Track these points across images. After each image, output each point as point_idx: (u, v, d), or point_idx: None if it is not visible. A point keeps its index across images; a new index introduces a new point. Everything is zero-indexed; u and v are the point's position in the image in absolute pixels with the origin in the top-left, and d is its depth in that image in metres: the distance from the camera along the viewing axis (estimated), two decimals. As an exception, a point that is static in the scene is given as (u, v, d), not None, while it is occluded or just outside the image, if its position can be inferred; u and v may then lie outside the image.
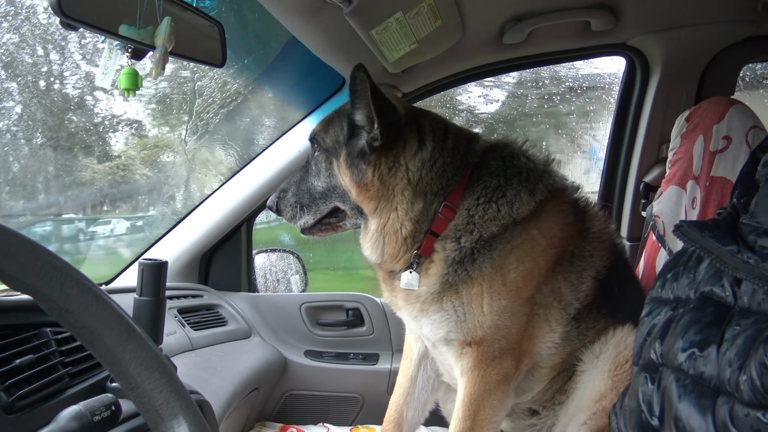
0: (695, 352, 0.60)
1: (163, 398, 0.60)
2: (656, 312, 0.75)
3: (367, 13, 1.54)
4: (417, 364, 1.83)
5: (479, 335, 1.48)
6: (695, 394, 0.58)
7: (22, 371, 1.08)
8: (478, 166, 1.54)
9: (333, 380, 2.38)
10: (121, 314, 0.59)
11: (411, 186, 1.48)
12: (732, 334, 0.57)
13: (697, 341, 0.61)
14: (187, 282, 2.38)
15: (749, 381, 0.52)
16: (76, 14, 1.08)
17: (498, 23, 2.01)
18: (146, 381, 0.60)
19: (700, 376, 0.59)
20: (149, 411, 0.61)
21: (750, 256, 0.57)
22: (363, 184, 1.49)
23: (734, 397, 0.54)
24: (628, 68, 2.40)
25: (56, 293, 0.53)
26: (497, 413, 1.52)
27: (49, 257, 0.52)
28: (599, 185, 2.55)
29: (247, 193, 2.34)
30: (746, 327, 0.56)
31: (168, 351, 1.72)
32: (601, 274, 1.56)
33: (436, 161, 1.49)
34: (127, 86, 1.23)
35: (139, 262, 1.34)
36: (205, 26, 1.46)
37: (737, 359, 0.54)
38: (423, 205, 1.48)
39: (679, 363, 0.62)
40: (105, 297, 0.57)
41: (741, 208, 0.68)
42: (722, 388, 0.56)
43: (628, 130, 2.42)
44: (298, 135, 2.32)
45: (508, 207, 1.48)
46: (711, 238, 0.63)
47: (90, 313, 0.56)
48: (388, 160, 1.48)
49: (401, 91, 2.29)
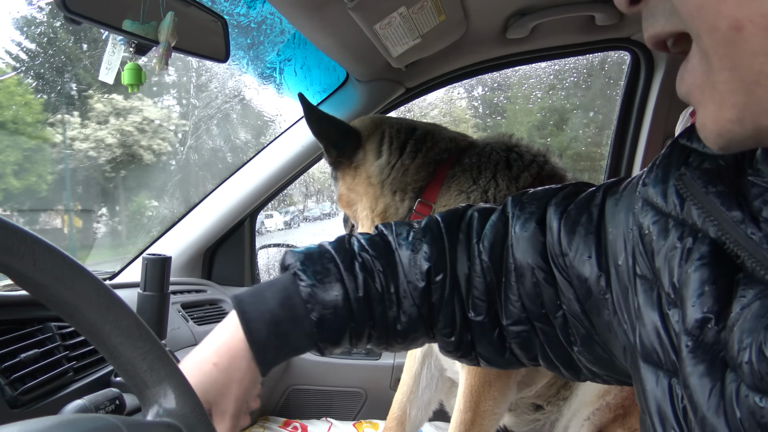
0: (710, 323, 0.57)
1: (147, 365, 0.60)
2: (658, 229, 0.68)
3: (370, 8, 1.54)
4: (421, 361, 1.83)
5: None
6: (706, 364, 0.56)
7: (27, 366, 1.09)
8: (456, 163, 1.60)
9: (336, 375, 2.38)
10: (99, 284, 0.58)
11: (372, 187, 1.62)
12: (739, 306, 0.54)
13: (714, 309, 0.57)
14: (190, 277, 2.39)
15: (750, 364, 0.51)
16: (80, 9, 1.08)
17: (502, 18, 2.00)
18: (129, 349, 0.59)
19: (710, 345, 0.56)
20: (134, 378, 0.60)
21: (754, 231, 0.54)
22: (339, 197, 1.73)
23: (739, 376, 0.52)
24: (632, 63, 2.39)
25: (29, 269, 0.52)
26: (498, 405, 1.52)
27: (20, 233, 0.52)
28: (603, 180, 2.54)
29: (251, 188, 2.34)
30: (751, 300, 0.53)
31: (172, 345, 1.73)
32: None
33: (394, 164, 1.61)
34: (131, 81, 1.23)
35: (143, 257, 1.35)
36: (208, 21, 1.46)
37: (745, 337, 0.52)
38: (389, 201, 1.60)
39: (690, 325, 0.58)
40: (81, 268, 0.56)
41: (746, 158, 0.61)
42: (730, 363, 0.54)
43: (632, 125, 2.41)
44: (302, 130, 2.32)
45: (480, 194, 1.53)
46: (715, 197, 0.59)
47: (66, 286, 0.55)
48: (351, 171, 1.66)
49: (405, 86, 2.29)
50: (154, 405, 0.61)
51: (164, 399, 0.61)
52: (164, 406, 0.61)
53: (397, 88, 2.28)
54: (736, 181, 0.60)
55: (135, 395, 0.62)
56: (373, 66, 2.07)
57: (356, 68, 2.13)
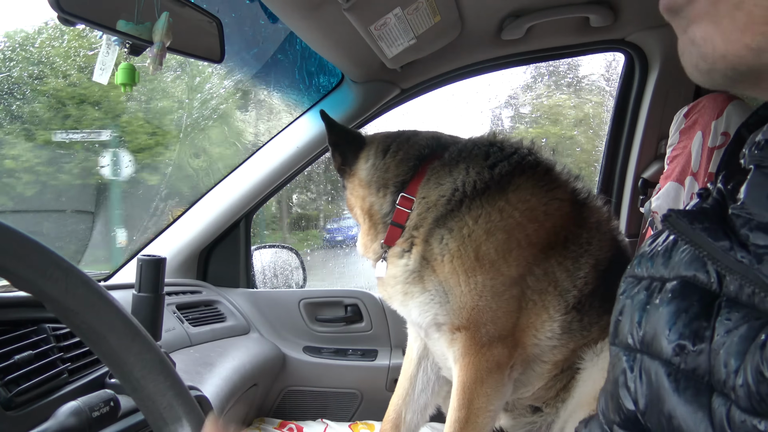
0: (687, 347, 0.57)
1: (166, 401, 0.60)
2: (630, 290, 0.71)
3: (365, 8, 1.54)
4: (417, 364, 1.82)
5: (465, 317, 1.49)
6: (691, 390, 0.56)
7: (21, 367, 1.08)
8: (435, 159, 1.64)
9: (332, 376, 2.38)
10: (126, 316, 0.58)
11: (363, 189, 1.70)
12: (724, 329, 0.54)
13: (687, 334, 0.57)
14: (185, 278, 2.38)
15: (745, 387, 0.49)
16: (74, 10, 1.07)
17: (497, 19, 2.01)
18: (150, 384, 0.60)
19: (693, 371, 0.56)
20: (152, 413, 0.61)
21: (744, 255, 0.54)
22: (347, 202, 1.81)
23: (730, 400, 0.51)
24: (626, 64, 2.39)
25: (62, 294, 0.53)
26: (492, 402, 1.51)
27: (55, 258, 0.52)
28: (597, 181, 2.55)
29: (246, 189, 2.34)
30: (737, 323, 0.53)
31: (167, 347, 1.72)
32: (601, 265, 1.55)
33: (378, 164, 1.69)
34: (124, 81, 1.22)
35: (138, 258, 1.35)
36: (203, 22, 1.45)
37: (734, 361, 0.51)
38: (373, 199, 1.67)
39: (668, 356, 0.59)
40: (110, 299, 0.57)
41: (728, 195, 0.63)
42: (717, 387, 0.53)
43: (627, 126, 2.42)
44: (297, 131, 2.32)
45: (451, 183, 1.56)
46: (702, 231, 0.58)
47: (95, 315, 0.56)
48: (350, 177, 1.75)
49: (400, 87, 2.29)
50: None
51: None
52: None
53: (393, 89, 2.28)
54: (722, 219, 0.60)
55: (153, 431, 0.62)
56: (368, 67, 2.07)
57: (351, 69, 2.13)
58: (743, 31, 0.45)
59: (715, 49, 0.47)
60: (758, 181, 0.58)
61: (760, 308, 0.52)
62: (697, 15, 0.48)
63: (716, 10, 0.46)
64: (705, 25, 0.48)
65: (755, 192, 0.58)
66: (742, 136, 0.68)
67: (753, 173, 0.59)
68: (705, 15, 0.47)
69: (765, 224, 0.55)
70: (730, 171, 0.66)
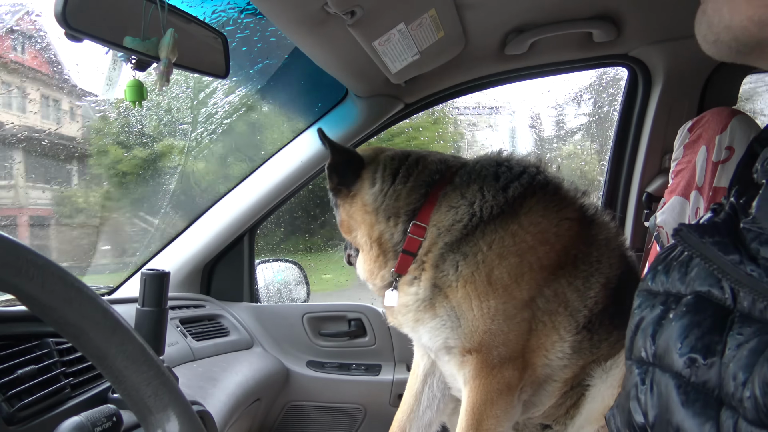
0: (698, 360, 0.57)
1: (151, 390, 0.60)
2: (646, 305, 0.71)
3: (369, 24, 1.55)
4: (422, 380, 1.81)
5: (476, 341, 1.48)
6: (699, 403, 0.56)
7: (24, 382, 1.08)
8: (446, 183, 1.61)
9: (335, 391, 2.37)
10: (106, 309, 0.58)
11: (369, 215, 1.64)
12: (735, 344, 0.54)
13: (699, 347, 0.58)
14: (189, 292, 2.38)
15: (752, 399, 0.50)
16: (81, 26, 1.08)
17: (500, 34, 2.02)
18: (134, 374, 0.59)
19: (703, 384, 0.56)
20: (138, 404, 0.60)
21: (753, 269, 0.54)
22: (340, 222, 1.75)
23: (738, 413, 0.51)
24: (630, 79, 2.40)
25: (38, 290, 0.52)
26: (501, 424, 1.51)
27: (30, 255, 0.52)
28: (602, 195, 2.55)
29: (250, 203, 2.35)
30: (748, 337, 0.53)
31: (170, 361, 1.72)
32: (611, 283, 1.54)
33: (387, 191, 1.63)
34: (133, 98, 1.23)
35: (142, 272, 1.34)
36: (208, 38, 1.47)
37: (742, 374, 0.51)
38: (383, 228, 1.62)
39: (678, 368, 0.59)
40: (89, 292, 0.56)
41: (740, 209, 0.63)
42: (726, 400, 0.53)
43: (631, 141, 2.42)
44: (301, 145, 2.33)
45: (467, 207, 1.53)
46: (712, 245, 0.59)
47: (74, 309, 0.55)
48: (349, 199, 1.69)
49: (404, 101, 2.30)
50: (158, 431, 0.61)
51: (168, 424, 0.61)
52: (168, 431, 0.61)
53: (396, 103, 2.29)
54: (733, 233, 0.61)
55: (139, 421, 0.61)
56: (372, 82, 2.09)
57: (355, 84, 2.14)
58: (748, 3, 0.47)
59: (721, 19, 0.49)
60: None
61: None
62: None
63: None
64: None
65: (766, 206, 0.59)
66: (754, 151, 0.69)
67: (765, 188, 0.60)
68: None
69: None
70: (743, 185, 0.67)
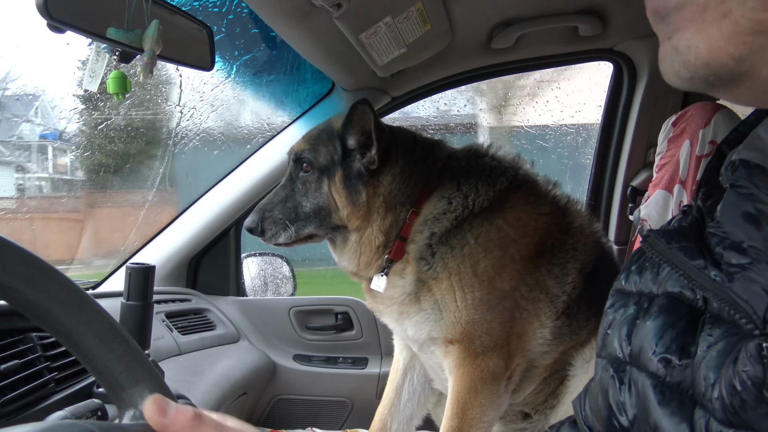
0: (673, 361, 0.58)
1: (122, 367, 0.58)
2: (619, 305, 0.72)
3: (356, 17, 1.55)
4: (402, 374, 1.83)
5: (458, 331, 1.50)
6: (675, 402, 0.57)
7: (7, 377, 1.07)
8: (442, 172, 1.61)
9: (322, 384, 2.37)
10: (71, 286, 0.56)
11: (384, 201, 1.57)
12: (705, 345, 0.55)
13: (674, 349, 0.59)
14: (174, 286, 2.37)
15: (720, 399, 0.51)
16: (63, 17, 1.07)
17: (487, 28, 2.02)
18: (103, 351, 0.57)
19: (678, 384, 0.57)
20: (109, 381, 0.59)
21: (717, 274, 0.55)
22: (357, 204, 1.57)
23: (709, 412, 0.53)
24: (615, 73, 2.42)
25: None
26: (486, 413, 1.52)
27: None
28: (587, 189, 2.57)
29: (236, 197, 2.33)
30: (717, 338, 0.54)
31: (156, 355, 1.71)
32: (587, 267, 1.58)
33: (403, 173, 1.58)
34: (116, 90, 1.22)
35: (127, 266, 1.34)
36: (193, 30, 1.45)
37: (712, 374, 0.53)
38: (393, 217, 1.57)
39: (654, 369, 0.60)
40: (52, 270, 0.55)
41: (706, 212, 0.64)
42: (698, 400, 0.55)
43: (616, 135, 2.44)
44: (287, 139, 2.31)
45: (462, 200, 1.54)
46: (678, 251, 0.59)
47: (36, 289, 0.54)
48: (374, 180, 1.58)
49: (391, 95, 2.30)
50: (131, 408, 0.59)
51: (141, 401, 0.59)
52: (141, 408, 0.58)
53: (383, 97, 2.29)
54: (699, 237, 0.61)
55: (110, 398, 0.60)
56: (358, 75, 2.08)
57: (342, 77, 2.13)
58: (728, 40, 0.45)
59: (698, 56, 0.47)
60: (733, 201, 0.59)
61: (739, 324, 0.53)
62: (683, 22, 0.48)
63: (703, 19, 0.46)
64: (691, 33, 0.48)
65: (729, 211, 0.59)
66: (722, 153, 0.68)
67: (728, 192, 0.61)
68: (692, 23, 0.47)
69: (738, 243, 0.56)
70: (710, 188, 0.67)
